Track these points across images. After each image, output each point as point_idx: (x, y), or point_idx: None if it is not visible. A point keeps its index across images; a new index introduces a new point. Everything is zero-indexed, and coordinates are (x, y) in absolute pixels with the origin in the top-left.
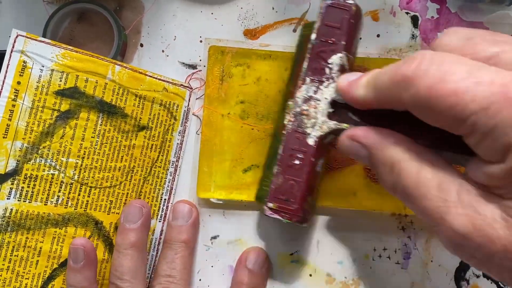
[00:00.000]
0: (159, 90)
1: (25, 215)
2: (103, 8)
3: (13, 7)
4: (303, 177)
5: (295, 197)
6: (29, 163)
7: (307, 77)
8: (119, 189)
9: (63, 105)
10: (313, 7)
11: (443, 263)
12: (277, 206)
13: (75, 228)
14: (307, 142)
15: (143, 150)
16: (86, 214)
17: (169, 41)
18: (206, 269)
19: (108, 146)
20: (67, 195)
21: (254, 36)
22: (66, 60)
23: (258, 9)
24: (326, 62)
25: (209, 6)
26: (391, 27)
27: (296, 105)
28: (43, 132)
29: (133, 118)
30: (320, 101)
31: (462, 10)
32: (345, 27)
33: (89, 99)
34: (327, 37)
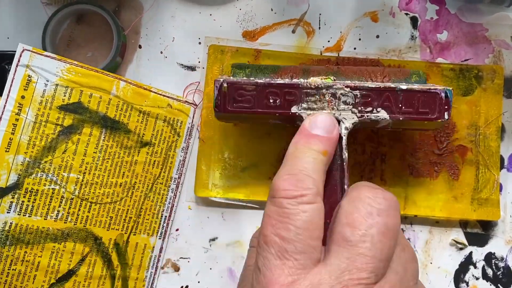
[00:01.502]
0: (164, 107)
1: (25, 229)
2: (102, 9)
3: (12, 9)
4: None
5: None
6: (30, 177)
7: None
8: (120, 205)
9: (66, 120)
10: (311, 8)
11: (442, 265)
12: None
13: (74, 244)
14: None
15: (145, 166)
16: (86, 229)
17: (168, 43)
18: (205, 271)
19: (110, 162)
20: (67, 210)
21: (253, 38)
22: (71, 75)
23: (257, 10)
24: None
25: (208, 7)
26: (390, 28)
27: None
28: (45, 147)
29: (136, 134)
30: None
31: (461, 11)
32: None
33: (93, 115)
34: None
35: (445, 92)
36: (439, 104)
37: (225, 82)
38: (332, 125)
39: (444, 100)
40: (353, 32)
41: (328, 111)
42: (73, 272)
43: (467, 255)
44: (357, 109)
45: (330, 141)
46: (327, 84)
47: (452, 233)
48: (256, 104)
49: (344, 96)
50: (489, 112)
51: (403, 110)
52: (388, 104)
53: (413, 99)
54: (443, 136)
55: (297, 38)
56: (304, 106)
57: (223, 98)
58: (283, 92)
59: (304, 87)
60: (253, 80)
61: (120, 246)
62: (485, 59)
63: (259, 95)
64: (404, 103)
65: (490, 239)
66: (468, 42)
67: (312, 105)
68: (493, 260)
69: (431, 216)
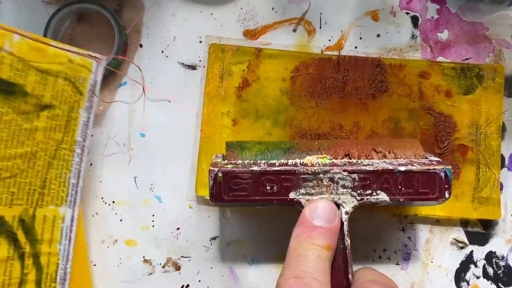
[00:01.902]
0: (64, 62)
1: None
2: (103, 8)
3: (13, 8)
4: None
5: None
6: None
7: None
8: (21, 178)
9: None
10: (312, 7)
11: (443, 264)
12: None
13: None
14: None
15: (46, 132)
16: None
17: (169, 42)
18: (206, 270)
19: (7, 131)
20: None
21: (254, 37)
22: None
23: (258, 9)
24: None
25: (209, 7)
26: (391, 27)
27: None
28: None
29: (35, 96)
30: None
31: (462, 10)
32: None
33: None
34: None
35: (445, 172)
36: (439, 184)
37: (220, 171)
38: (334, 214)
39: (444, 179)
40: (354, 31)
41: (327, 196)
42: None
43: (468, 254)
44: (356, 192)
45: (332, 232)
46: (324, 169)
47: (453, 232)
48: (252, 192)
49: (342, 180)
50: (490, 111)
51: (402, 192)
52: (388, 186)
53: (412, 180)
54: (444, 136)
55: (298, 37)
56: (302, 192)
57: (219, 188)
58: (280, 178)
59: (301, 172)
60: (248, 167)
61: (26, 222)
62: (486, 58)
63: (255, 183)
64: (403, 184)
65: (491, 238)
66: (469, 41)
67: (310, 190)
68: (494, 259)
69: (431, 215)
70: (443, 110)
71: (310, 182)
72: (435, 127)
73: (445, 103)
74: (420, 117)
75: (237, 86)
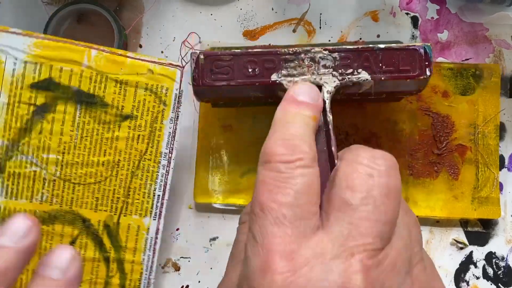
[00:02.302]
0: (143, 73)
1: (13, 212)
2: (103, 8)
3: (12, 9)
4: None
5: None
6: (11, 161)
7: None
8: (105, 185)
9: (39, 98)
10: (312, 7)
11: (442, 264)
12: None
13: (63, 226)
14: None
15: (128, 142)
16: (72, 211)
17: (169, 42)
18: (206, 271)
19: (89, 139)
20: (51, 192)
21: (254, 37)
22: (39, 50)
23: (258, 10)
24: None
25: (209, 7)
26: (391, 27)
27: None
28: (21, 128)
29: (115, 107)
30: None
31: (462, 10)
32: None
33: (65, 90)
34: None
35: (424, 48)
36: (419, 61)
37: (202, 53)
38: (317, 93)
39: (424, 56)
40: (353, 32)
41: (309, 76)
42: None
43: (467, 255)
44: (338, 71)
45: (317, 108)
46: (305, 48)
47: (452, 233)
48: (234, 75)
49: (323, 60)
50: (487, 111)
51: (383, 69)
52: (368, 64)
53: (392, 58)
54: (442, 136)
55: (298, 38)
56: (284, 73)
57: (201, 71)
58: (261, 60)
59: (282, 53)
60: (230, 50)
61: (110, 228)
62: (486, 58)
63: (237, 65)
64: (384, 62)
65: (491, 238)
66: (469, 42)
67: (291, 71)
68: (494, 260)
69: (431, 216)
70: (440, 110)
71: (292, 63)
72: (433, 127)
73: (442, 103)
74: (418, 118)
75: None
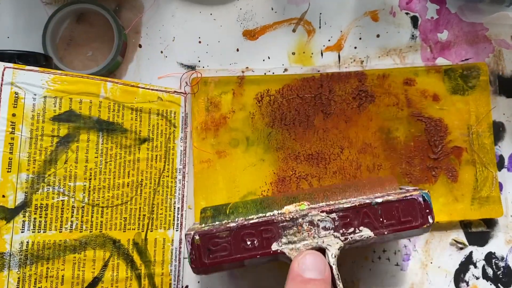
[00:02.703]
0: (154, 100)
1: (42, 245)
2: (103, 8)
3: (12, 9)
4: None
5: (215, 252)
6: (37, 193)
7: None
8: (131, 205)
9: (62, 130)
10: (312, 7)
11: (442, 264)
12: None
13: (94, 251)
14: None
15: (148, 162)
16: (102, 234)
17: (168, 42)
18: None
19: (113, 163)
20: (80, 219)
21: (253, 37)
22: (57, 85)
23: (257, 9)
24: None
25: (208, 7)
26: (391, 27)
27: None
28: (46, 160)
29: (133, 131)
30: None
31: (462, 10)
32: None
33: (86, 120)
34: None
35: (422, 196)
36: (420, 210)
37: (197, 234)
38: (323, 263)
39: (423, 204)
40: (353, 32)
41: (310, 241)
42: (98, 279)
43: (467, 255)
44: (339, 232)
45: (326, 282)
46: (301, 213)
47: (452, 233)
48: (233, 251)
49: (322, 222)
50: (479, 110)
51: (385, 224)
52: (369, 220)
53: (392, 210)
54: (437, 140)
55: (297, 37)
56: (284, 241)
57: (197, 252)
58: (259, 231)
59: (279, 221)
60: (226, 225)
61: (139, 245)
62: (485, 58)
63: (235, 239)
64: (384, 216)
65: (490, 238)
66: (469, 42)
67: (291, 238)
68: (493, 260)
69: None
70: (432, 114)
71: (290, 230)
72: (427, 132)
73: (433, 107)
74: (411, 125)
75: (224, 117)
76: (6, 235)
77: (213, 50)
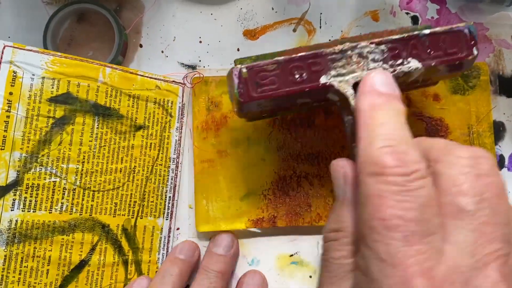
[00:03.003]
0: (152, 88)
1: (31, 225)
2: (103, 8)
3: (13, 9)
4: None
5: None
6: (29, 173)
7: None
8: (122, 191)
9: (58, 111)
10: (313, 7)
11: None
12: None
13: (83, 234)
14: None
15: (142, 149)
16: (92, 218)
17: (169, 42)
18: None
19: (107, 148)
20: (71, 201)
21: (254, 37)
22: (56, 67)
23: (258, 9)
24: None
25: (209, 7)
26: (391, 27)
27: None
28: (40, 140)
29: (129, 118)
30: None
31: (462, 10)
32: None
33: (83, 104)
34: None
35: (468, 28)
36: (465, 41)
37: (244, 67)
38: (392, 80)
39: (469, 36)
40: (354, 31)
41: (359, 73)
42: (85, 262)
43: None
44: (388, 64)
45: (401, 99)
46: (351, 45)
47: None
48: (282, 84)
49: (371, 54)
50: (480, 110)
51: (432, 55)
52: (417, 52)
53: (439, 42)
54: None
55: (298, 37)
56: (333, 74)
57: (245, 85)
58: (307, 64)
59: (328, 53)
60: (272, 58)
61: (128, 231)
62: (486, 58)
63: (283, 72)
64: (431, 47)
65: None
66: None
67: (341, 70)
68: None
69: None
70: (433, 114)
71: (339, 62)
72: (428, 132)
73: (434, 107)
74: (412, 125)
75: (225, 116)
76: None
77: (213, 50)
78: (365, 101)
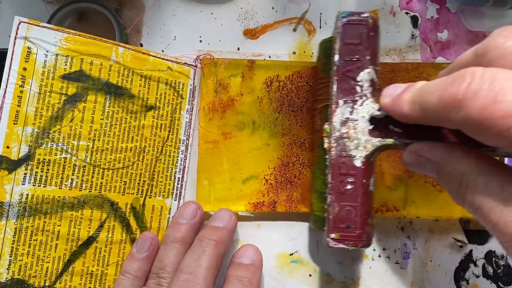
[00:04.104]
0: (164, 70)
1: (41, 199)
2: (104, 7)
3: (13, 8)
4: (359, 201)
5: (355, 222)
6: (41, 148)
7: (340, 100)
8: (132, 170)
9: (70, 88)
10: (313, 7)
11: (442, 263)
12: (340, 236)
13: (91, 210)
14: (354, 165)
15: (152, 129)
16: (101, 195)
17: (169, 41)
18: None
19: (118, 127)
20: (81, 178)
21: (254, 36)
22: (70, 44)
23: (258, 8)
24: (355, 80)
25: (209, 6)
26: (391, 27)
27: (335, 129)
28: (53, 117)
29: (140, 98)
30: (357, 121)
31: (464, 14)
32: (365, 42)
33: (96, 82)
34: (350, 55)
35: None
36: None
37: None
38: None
39: None
40: None
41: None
42: (93, 238)
43: (467, 253)
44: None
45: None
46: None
47: (452, 231)
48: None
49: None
50: None
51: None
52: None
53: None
54: None
55: (298, 37)
56: None
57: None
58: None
59: None
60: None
61: (137, 210)
62: None
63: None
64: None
65: (490, 237)
66: (469, 41)
67: None
68: (494, 258)
69: (432, 217)
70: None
71: None
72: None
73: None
74: None
75: (232, 99)
76: (7, 185)
77: (214, 49)
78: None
